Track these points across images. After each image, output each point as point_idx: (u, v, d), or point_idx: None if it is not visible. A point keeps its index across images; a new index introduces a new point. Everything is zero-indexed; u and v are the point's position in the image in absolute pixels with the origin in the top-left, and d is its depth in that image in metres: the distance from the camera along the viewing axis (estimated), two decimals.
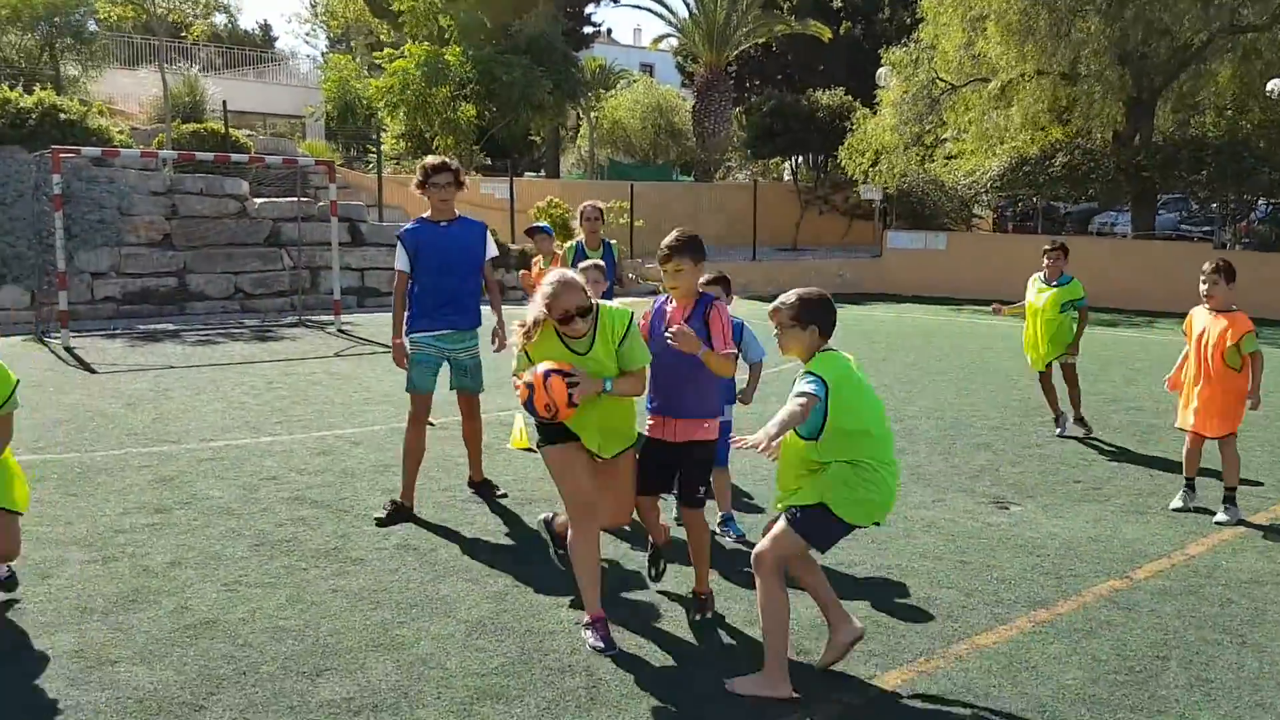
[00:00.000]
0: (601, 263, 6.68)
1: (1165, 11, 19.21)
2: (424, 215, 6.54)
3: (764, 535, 4.26)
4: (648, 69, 56.06)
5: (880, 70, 25.48)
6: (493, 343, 6.64)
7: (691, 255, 4.64)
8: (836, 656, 4.30)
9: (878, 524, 4.22)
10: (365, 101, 32.27)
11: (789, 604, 4.14)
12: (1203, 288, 6.62)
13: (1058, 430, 8.85)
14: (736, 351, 4.96)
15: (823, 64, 37.63)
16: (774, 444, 3.86)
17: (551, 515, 5.40)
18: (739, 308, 6.34)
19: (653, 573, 5.17)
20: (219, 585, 5.18)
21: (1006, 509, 6.71)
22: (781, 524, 4.14)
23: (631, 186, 24.26)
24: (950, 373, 12.44)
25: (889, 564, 5.60)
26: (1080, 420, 8.83)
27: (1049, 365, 8.87)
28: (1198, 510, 6.68)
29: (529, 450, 8.80)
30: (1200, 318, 6.71)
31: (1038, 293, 8.86)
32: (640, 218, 22.95)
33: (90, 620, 4.72)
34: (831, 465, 4.05)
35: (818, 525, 4.09)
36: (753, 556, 4.18)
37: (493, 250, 6.64)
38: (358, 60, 37.69)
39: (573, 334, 4.51)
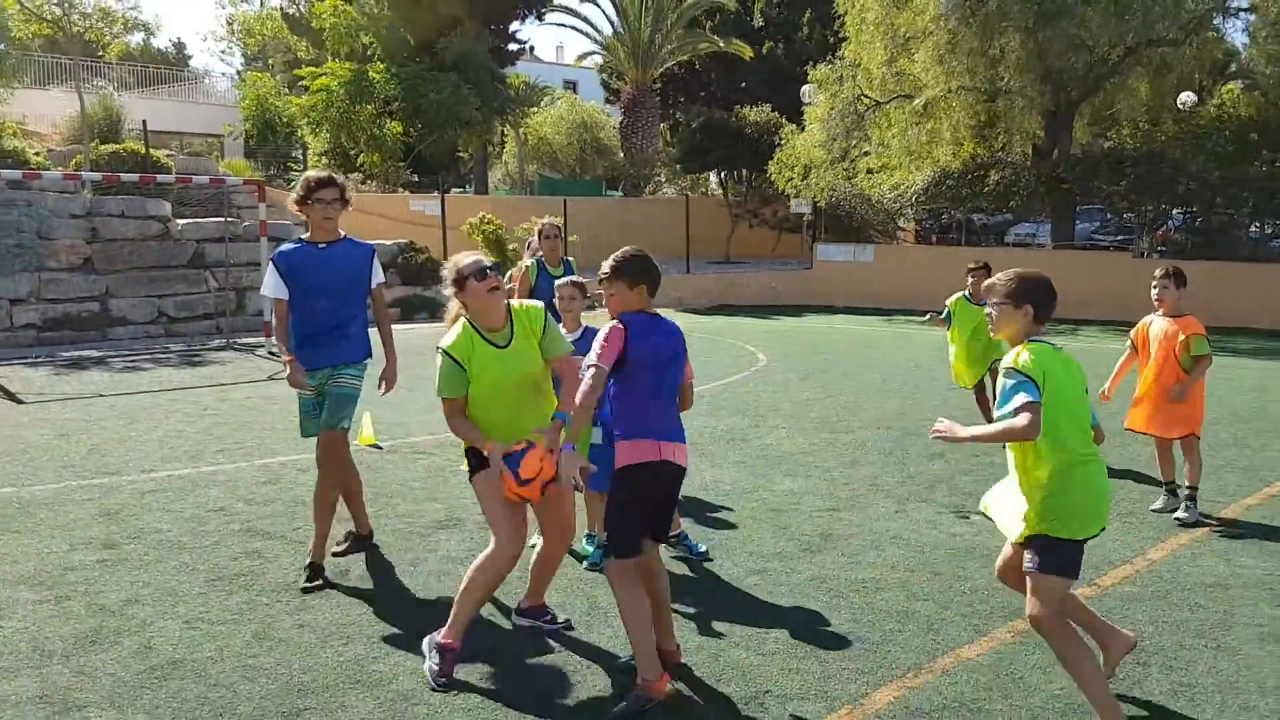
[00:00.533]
0: (581, 280, 6.52)
1: (1082, 27, 19.76)
2: (303, 236, 5.78)
3: (1004, 569, 4.19)
4: (571, 86, 56.12)
5: (805, 88, 25.81)
6: (379, 386, 6.02)
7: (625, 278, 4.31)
8: (1112, 671, 4.20)
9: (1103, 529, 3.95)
10: (285, 119, 31.80)
11: (1089, 651, 3.90)
12: (1154, 293, 6.85)
13: None
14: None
15: (745, 81, 38.06)
16: (960, 438, 3.79)
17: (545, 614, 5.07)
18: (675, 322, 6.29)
19: None
20: (180, 623, 4.98)
21: (967, 519, 6.77)
22: (1029, 580, 3.87)
23: (565, 202, 24.18)
24: (893, 383, 12.58)
25: (863, 578, 5.61)
26: None
27: (981, 380, 8.82)
28: (1156, 512, 6.85)
29: (375, 447, 8.76)
30: (1155, 324, 6.93)
31: (964, 312, 8.71)
32: (574, 233, 22.90)
33: (50, 663, 4.50)
34: (1046, 479, 3.78)
35: (1060, 558, 3.83)
36: (1031, 621, 3.91)
37: (379, 275, 6.00)
38: (276, 78, 37.11)
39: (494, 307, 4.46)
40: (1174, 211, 22.15)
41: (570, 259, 7.93)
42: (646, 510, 4.27)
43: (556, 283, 6.38)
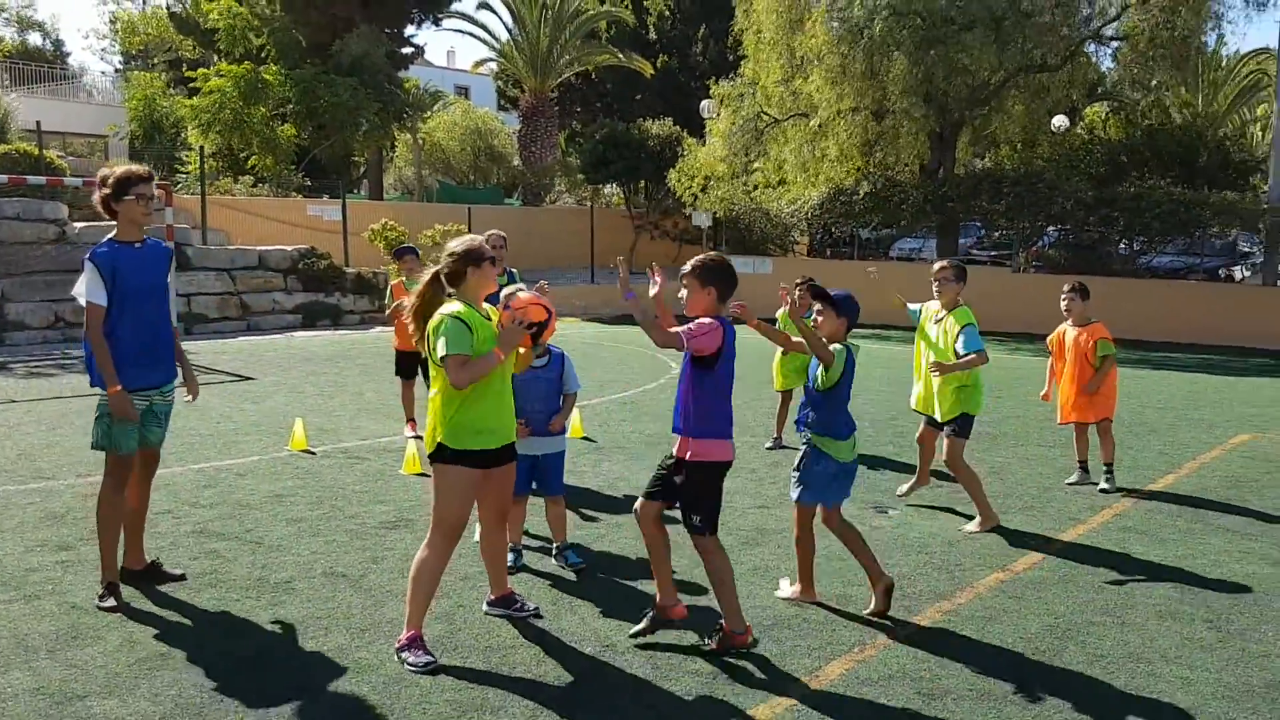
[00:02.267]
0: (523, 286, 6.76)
1: (964, 53, 20.82)
2: (113, 236, 5.31)
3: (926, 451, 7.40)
4: (463, 91, 55.94)
5: (704, 103, 26.47)
6: (189, 393, 5.87)
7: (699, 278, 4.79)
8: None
9: None
10: (173, 120, 31.07)
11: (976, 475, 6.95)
12: (1063, 305, 8.10)
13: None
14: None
15: (640, 94, 38.70)
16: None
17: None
18: (583, 332, 6.66)
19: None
20: (157, 619, 5.13)
21: (886, 513, 7.30)
22: (948, 438, 7.00)
23: (469, 210, 24.29)
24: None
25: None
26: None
27: (792, 391, 9.33)
28: (1071, 485, 7.98)
29: (307, 452, 8.91)
30: (1068, 332, 8.16)
31: (790, 326, 9.23)
32: None
33: (38, 658, 4.62)
34: (971, 386, 7.07)
35: (967, 426, 7.03)
36: (947, 460, 7.02)
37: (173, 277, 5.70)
38: (162, 77, 36.16)
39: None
40: (1049, 229, 23.44)
41: (513, 270, 8.21)
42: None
43: (506, 290, 6.64)
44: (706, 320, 4.66)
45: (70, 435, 9.46)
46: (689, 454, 4.73)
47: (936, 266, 7.26)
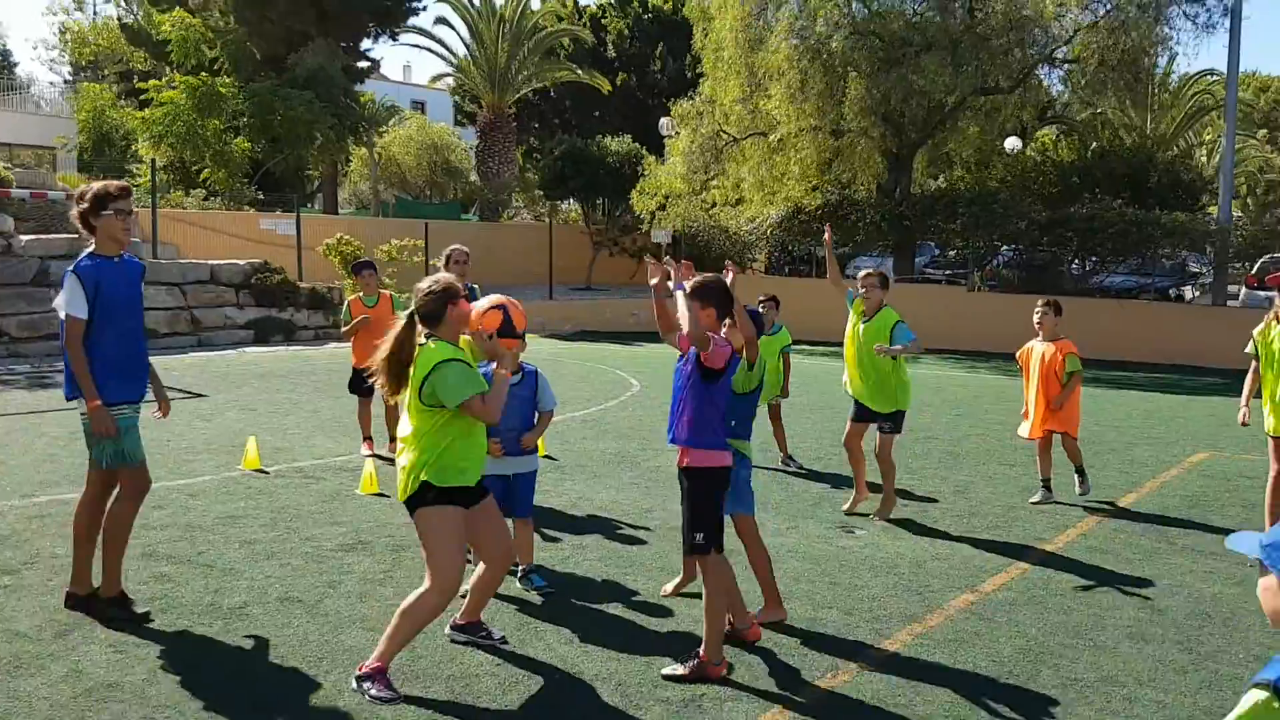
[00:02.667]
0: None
1: (920, 76, 21.03)
2: (92, 250, 5.24)
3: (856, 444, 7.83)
4: (419, 106, 55.68)
5: (663, 120, 26.49)
6: (160, 410, 5.91)
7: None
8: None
9: None
10: (123, 132, 30.55)
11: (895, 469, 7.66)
12: (1036, 319, 8.21)
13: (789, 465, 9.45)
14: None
15: (598, 111, 38.70)
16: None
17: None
18: (541, 349, 6.61)
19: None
20: (105, 647, 4.92)
21: (853, 533, 7.24)
22: (884, 434, 7.66)
23: (426, 225, 24.06)
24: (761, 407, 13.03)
25: None
26: (789, 458, 9.47)
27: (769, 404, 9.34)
28: (1034, 504, 7.94)
29: (260, 471, 8.73)
30: (1036, 348, 8.21)
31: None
32: (435, 257, 22.83)
33: None
34: (907, 382, 7.77)
35: (900, 421, 7.74)
36: (878, 451, 7.64)
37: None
38: (112, 89, 35.58)
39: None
40: (1003, 248, 23.68)
41: (474, 285, 8.07)
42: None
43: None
44: (720, 337, 4.88)
45: (15, 455, 9.16)
46: (688, 461, 4.84)
47: (862, 274, 7.85)
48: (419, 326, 4.59)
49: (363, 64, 38.18)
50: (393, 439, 9.40)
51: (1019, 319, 20.93)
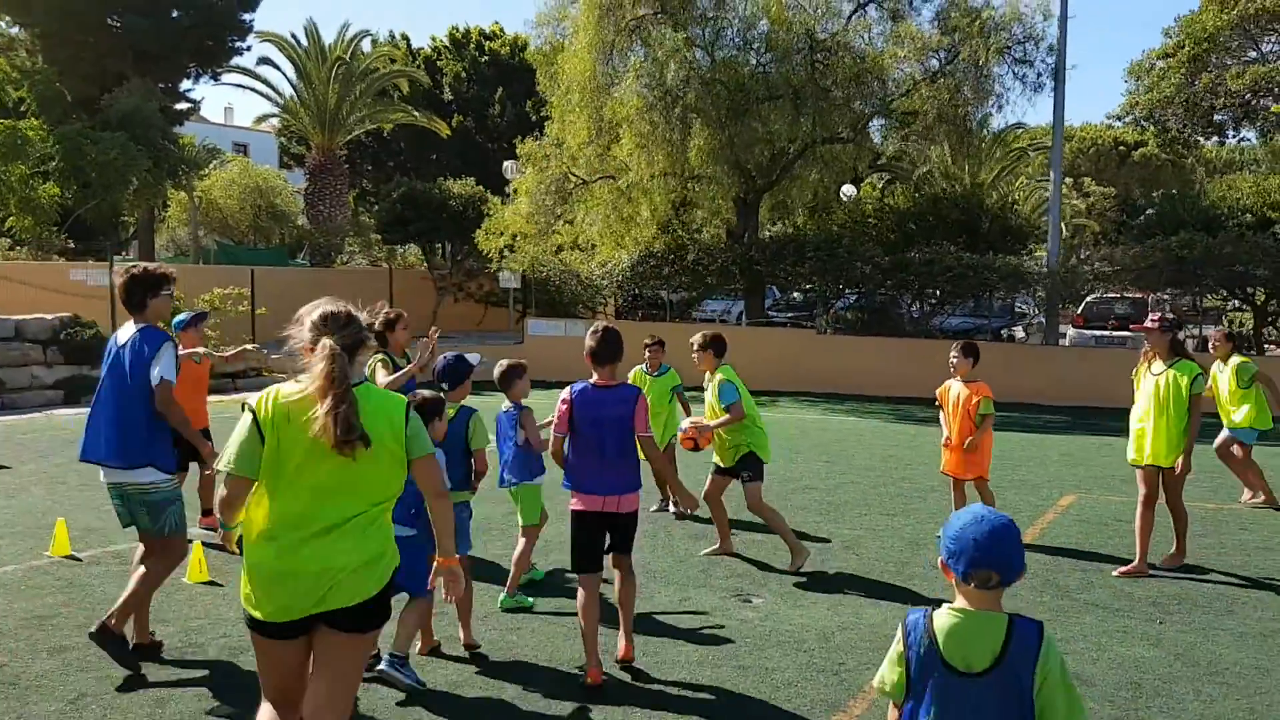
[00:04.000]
0: None
1: (761, 124, 21.22)
2: (147, 325, 5.53)
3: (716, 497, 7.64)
4: (242, 149, 53.54)
5: (507, 163, 25.93)
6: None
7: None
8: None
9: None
10: None
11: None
12: (951, 363, 8.27)
13: (666, 509, 9.21)
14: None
15: (435, 153, 37.90)
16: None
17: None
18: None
19: None
20: None
21: (749, 601, 6.74)
22: (746, 484, 7.52)
23: (252, 272, 22.69)
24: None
25: (677, 678, 5.38)
26: (668, 502, 9.23)
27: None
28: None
29: (71, 558, 7.70)
30: (953, 388, 8.29)
31: (640, 383, 8.89)
32: (262, 304, 21.53)
33: None
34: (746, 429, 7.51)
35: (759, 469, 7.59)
36: (749, 505, 7.52)
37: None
38: None
39: None
40: (846, 291, 24.03)
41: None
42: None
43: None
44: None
45: None
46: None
47: (691, 341, 7.88)
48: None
49: (182, 105, 36.35)
50: (207, 511, 8.41)
51: (865, 359, 21.47)
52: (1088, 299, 24.31)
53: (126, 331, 5.55)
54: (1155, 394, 7.30)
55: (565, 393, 5.44)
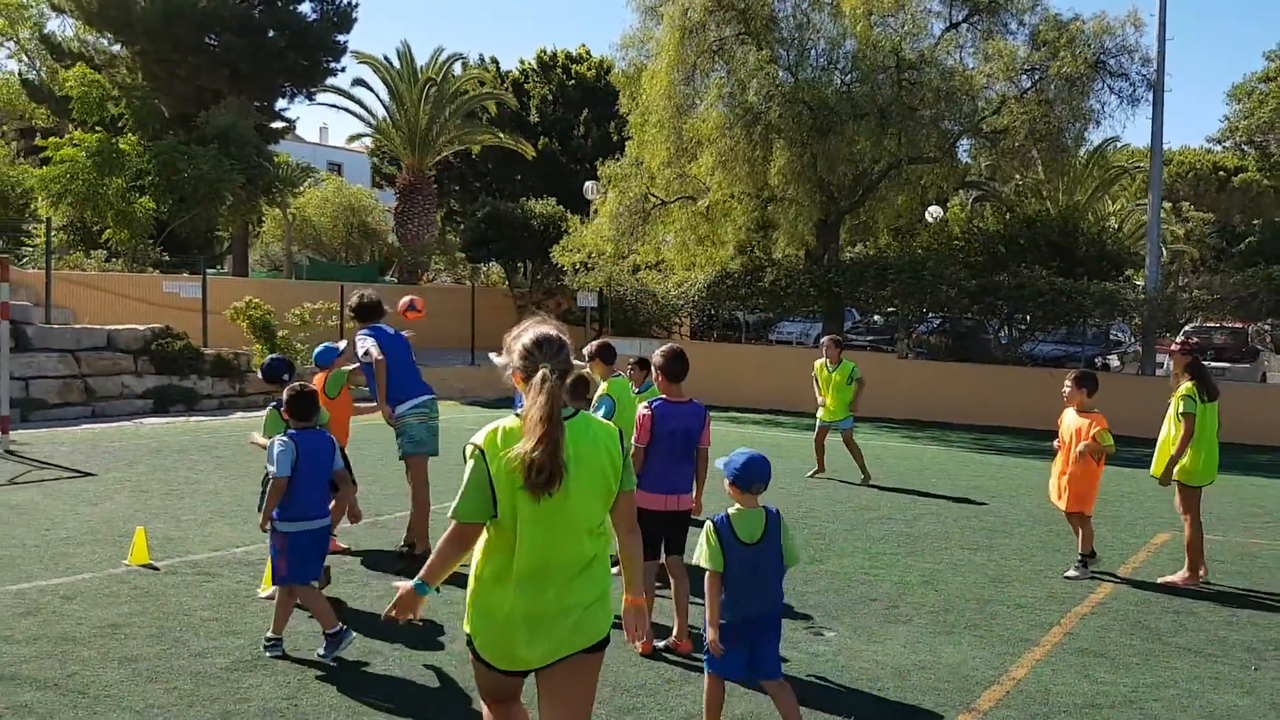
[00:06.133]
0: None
1: (845, 143, 20.92)
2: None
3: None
4: (336, 168, 54.74)
5: (588, 184, 26.00)
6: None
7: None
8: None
9: None
10: (20, 190, 29.06)
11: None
12: (1064, 393, 8.26)
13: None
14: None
15: (520, 174, 38.25)
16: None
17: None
18: (465, 417, 6.10)
19: None
20: None
21: (822, 635, 6.52)
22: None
23: (342, 288, 23.05)
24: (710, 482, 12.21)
25: (741, 712, 5.19)
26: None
27: None
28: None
29: (149, 567, 7.75)
30: (1068, 417, 8.21)
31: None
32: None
33: None
34: None
35: None
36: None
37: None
38: (11, 146, 34.04)
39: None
40: (930, 315, 23.54)
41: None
42: None
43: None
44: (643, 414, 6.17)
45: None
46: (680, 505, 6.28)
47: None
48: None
49: (277, 124, 37.25)
50: None
51: (949, 387, 20.95)
52: (1186, 328, 23.46)
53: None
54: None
55: (643, 407, 6.21)
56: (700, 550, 4.55)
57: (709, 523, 4.57)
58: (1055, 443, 8.34)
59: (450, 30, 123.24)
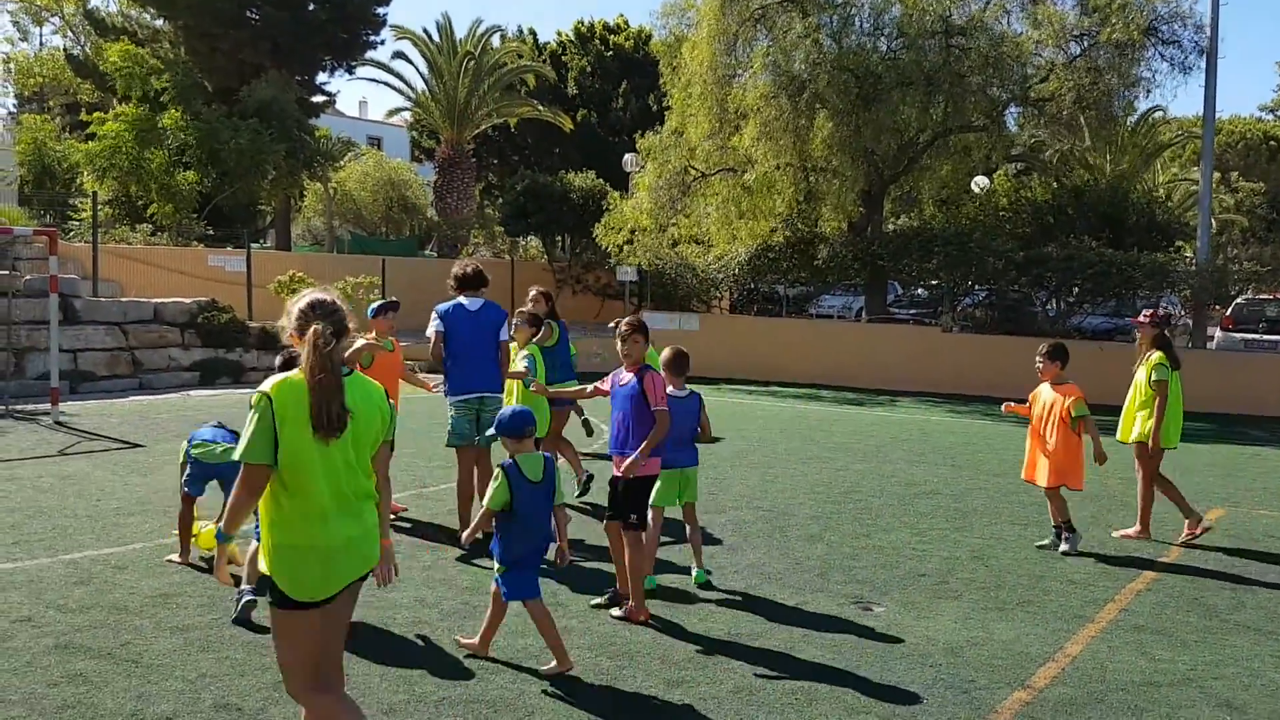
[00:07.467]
0: None
1: (891, 112, 20.59)
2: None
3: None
4: (375, 142, 54.86)
5: (627, 156, 25.84)
6: None
7: (644, 334, 6.29)
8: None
9: None
10: (66, 165, 29.40)
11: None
12: (1037, 365, 8.13)
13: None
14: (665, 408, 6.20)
15: (559, 147, 38.12)
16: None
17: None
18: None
19: None
20: None
21: (870, 610, 6.45)
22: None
23: (384, 262, 23.17)
24: (752, 457, 12.15)
25: (789, 688, 5.14)
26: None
27: None
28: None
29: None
30: (1044, 392, 8.09)
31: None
32: (394, 294, 21.95)
33: None
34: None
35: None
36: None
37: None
38: (55, 121, 34.38)
39: None
40: (975, 288, 23.18)
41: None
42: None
43: None
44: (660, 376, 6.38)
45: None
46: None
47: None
48: None
49: (318, 98, 37.33)
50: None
51: (996, 360, 20.65)
52: (1237, 300, 22.98)
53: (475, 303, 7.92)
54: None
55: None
56: (489, 492, 5.23)
57: (498, 467, 5.25)
58: (1024, 409, 8.20)
59: (488, 2, 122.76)
